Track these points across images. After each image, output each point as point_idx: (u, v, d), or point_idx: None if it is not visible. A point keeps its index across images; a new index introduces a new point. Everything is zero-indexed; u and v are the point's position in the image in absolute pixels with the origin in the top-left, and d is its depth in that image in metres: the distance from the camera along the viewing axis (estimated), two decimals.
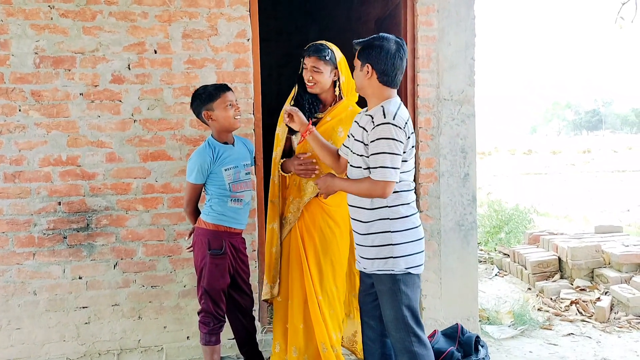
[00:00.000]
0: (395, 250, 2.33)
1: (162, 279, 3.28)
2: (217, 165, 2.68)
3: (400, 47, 2.34)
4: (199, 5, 3.20)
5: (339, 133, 2.79)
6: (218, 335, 2.78)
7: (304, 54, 2.77)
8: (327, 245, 2.83)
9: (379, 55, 2.31)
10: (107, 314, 3.23)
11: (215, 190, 2.72)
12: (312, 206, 2.83)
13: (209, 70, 3.23)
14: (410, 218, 2.38)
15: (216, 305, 2.74)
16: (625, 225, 7.93)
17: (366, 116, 2.37)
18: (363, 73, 2.36)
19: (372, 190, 2.28)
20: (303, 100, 2.82)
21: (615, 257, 4.73)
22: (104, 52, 3.13)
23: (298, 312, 2.82)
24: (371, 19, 4.88)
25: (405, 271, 2.34)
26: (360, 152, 2.36)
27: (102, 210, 3.19)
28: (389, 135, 2.24)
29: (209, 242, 2.71)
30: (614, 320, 4.13)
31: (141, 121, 3.19)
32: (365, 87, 2.40)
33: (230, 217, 2.74)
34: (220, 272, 2.71)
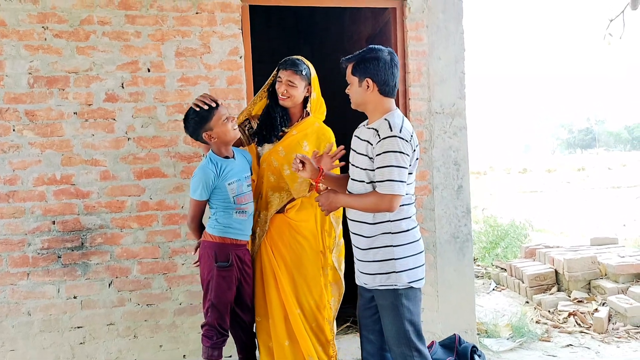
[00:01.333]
0: (397, 264, 2.31)
1: (158, 297, 3.26)
2: (221, 180, 2.67)
3: (393, 55, 2.36)
4: (191, 24, 3.25)
5: (304, 147, 2.80)
6: (220, 349, 2.73)
7: (280, 67, 2.78)
8: (298, 260, 2.81)
9: (377, 67, 2.30)
10: (102, 334, 3.20)
11: (220, 203, 2.70)
12: (278, 221, 2.82)
13: (202, 88, 3.27)
14: (411, 232, 2.37)
15: (221, 319, 2.71)
16: (621, 239, 7.93)
17: (369, 129, 2.36)
18: (362, 88, 2.34)
19: (378, 204, 2.25)
20: (274, 113, 2.82)
21: (612, 268, 4.74)
22: (98, 72, 3.17)
23: (281, 329, 2.79)
24: (362, 37, 4.95)
25: (407, 285, 2.32)
26: (363, 166, 2.35)
27: (97, 228, 3.19)
28: (396, 148, 2.22)
29: (215, 254, 2.68)
30: (613, 331, 4.11)
31: (135, 139, 3.21)
32: (367, 102, 2.37)
33: (236, 229, 2.72)
34: (227, 284, 2.69)
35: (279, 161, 2.80)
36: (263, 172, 2.84)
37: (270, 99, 2.85)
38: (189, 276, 3.26)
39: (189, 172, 3.24)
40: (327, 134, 2.89)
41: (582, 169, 30.61)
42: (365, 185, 2.35)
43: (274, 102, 2.83)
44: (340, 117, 5.83)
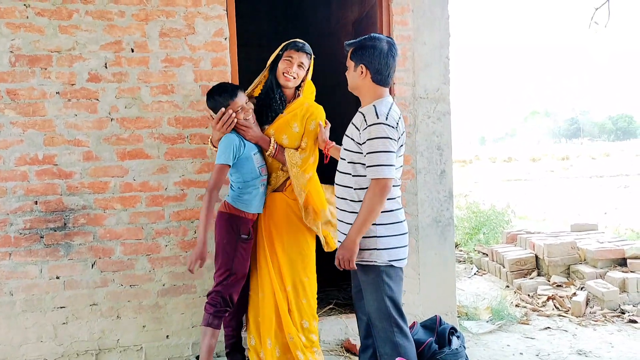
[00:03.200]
0: (379, 242, 2.39)
1: (141, 278, 3.26)
2: (247, 149, 2.75)
3: (391, 46, 2.42)
4: (175, 4, 3.22)
5: (294, 128, 2.87)
6: (221, 319, 2.77)
7: (291, 47, 2.82)
8: (294, 237, 2.89)
9: (373, 55, 2.39)
10: (85, 314, 3.21)
11: (247, 175, 2.77)
12: (276, 200, 2.89)
13: (186, 69, 3.25)
14: (394, 212, 2.44)
15: (234, 290, 2.76)
16: (602, 226, 8.07)
17: (359, 113, 2.45)
18: (357, 73, 2.44)
19: (375, 195, 2.32)
20: (274, 94, 2.86)
21: (591, 253, 4.83)
22: (81, 51, 3.14)
23: (269, 304, 2.85)
24: (349, 22, 4.95)
25: (388, 263, 2.40)
26: (348, 147, 2.45)
27: (80, 209, 3.18)
28: (382, 134, 2.31)
29: (238, 227, 2.75)
30: (590, 314, 4.20)
31: (118, 120, 3.20)
32: (360, 87, 2.47)
33: (259, 202, 2.83)
34: (247, 256, 2.79)
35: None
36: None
37: (272, 79, 2.87)
38: (173, 257, 3.27)
39: (172, 154, 3.24)
40: (315, 113, 2.94)
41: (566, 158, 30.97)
42: (343, 164, 2.49)
43: (275, 82, 2.85)
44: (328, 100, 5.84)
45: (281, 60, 2.82)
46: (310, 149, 2.93)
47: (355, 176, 2.45)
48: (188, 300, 3.29)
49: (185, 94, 3.25)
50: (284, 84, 2.84)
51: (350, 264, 2.38)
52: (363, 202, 2.35)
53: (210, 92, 2.80)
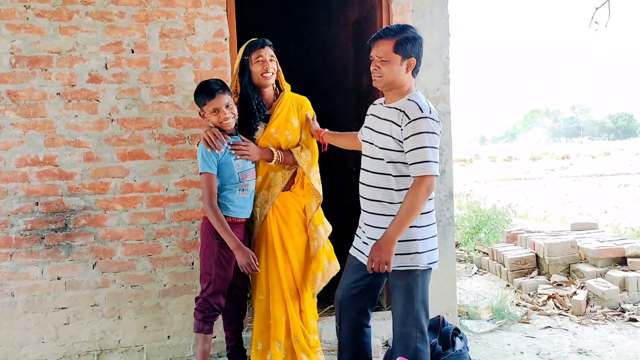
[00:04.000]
0: (420, 245, 2.30)
1: (142, 279, 3.27)
2: (227, 154, 2.70)
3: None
4: (175, 5, 3.22)
5: (293, 122, 2.86)
6: (211, 324, 2.77)
7: (255, 48, 2.76)
8: (303, 235, 2.89)
9: (420, 47, 2.30)
10: (86, 315, 3.21)
11: (226, 180, 2.73)
12: (285, 199, 2.88)
13: (186, 70, 3.25)
14: (431, 214, 2.37)
15: (217, 295, 2.74)
16: (602, 225, 8.08)
17: (391, 109, 2.33)
18: (403, 68, 2.29)
19: (420, 194, 2.19)
20: (251, 100, 2.80)
21: (591, 252, 4.83)
22: (81, 52, 3.14)
23: (280, 307, 2.83)
24: (349, 22, 4.95)
25: (427, 267, 2.33)
26: (384, 145, 2.31)
27: (80, 210, 3.18)
28: (428, 129, 2.20)
29: (216, 232, 2.70)
30: (590, 313, 4.21)
31: (119, 120, 3.20)
32: (401, 82, 2.32)
33: (238, 206, 2.75)
34: (227, 261, 2.73)
35: (274, 142, 2.83)
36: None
37: (246, 87, 2.81)
38: (174, 258, 3.28)
39: (173, 155, 3.25)
40: (304, 103, 2.95)
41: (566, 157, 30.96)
42: (380, 164, 2.33)
43: (250, 89, 2.80)
44: (328, 100, 5.85)
45: (252, 64, 2.76)
46: (311, 141, 2.95)
47: (397, 176, 2.32)
48: (189, 300, 3.29)
49: (186, 94, 3.25)
50: (265, 83, 2.80)
51: (388, 267, 2.23)
52: (405, 201, 2.20)
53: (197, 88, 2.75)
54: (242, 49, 2.82)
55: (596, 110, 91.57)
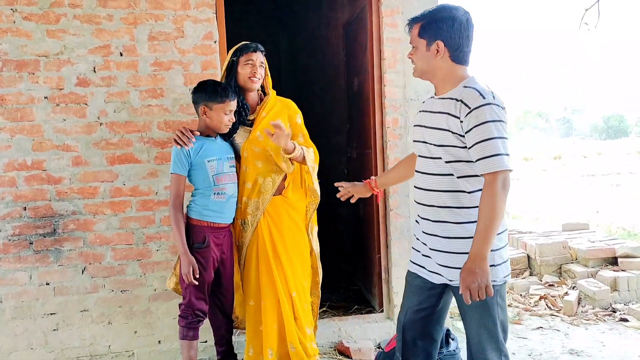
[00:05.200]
0: (496, 256, 1.96)
1: (132, 284, 3.25)
2: (200, 157, 2.68)
3: (469, 16, 2.01)
4: (164, 7, 3.21)
5: None
6: (196, 330, 2.75)
7: (245, 52, 2.75)
8: (295, 240, 2.86)
9: (452, 28, 1.97)
10: (76, 320, 3.19)
11: (200, 183, 2.71)
12: (277, 204, 2.85)
13: (176, 73, 3.24)
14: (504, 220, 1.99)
15: (197, 300, 2.72)
16: (594, 225, 8.11)
17: (445, 100, 2.01)
18: (431, 53, 2.00)
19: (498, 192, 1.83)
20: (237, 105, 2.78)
21: (582, 252, 4.85)
22: (69, 55, 3.12)
23: (272, 314, 2.81)
24: (340, 24, 4.95)
25: (503, 280, 2.00)
26: (440, 142, 1.99)
27: (69, 214, 3.16)
28: (495, 117, 1.87)
29: (190, 236, 2.69)
30: (582, 314, 4.22)
31: (108, 124, 3.18)
32: (435, 69, 2.03)
33: (213, 210, 2.72)
34: (203, 266, 2.69)
35: (261, 146, 2.81)
36: (247, 161, 2.84)
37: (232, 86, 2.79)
38: (164, 262, 3.26)
39: (163, 158, 3.23)
40: (291, 105, 2.94)
41: (558, 158, 31.07)
42: (439, 163, 2.02)
43: (235, 91, 2.78)
44: (320, 102, 5.85)
45: (240, 65, 2.76)
46: (309, 142, 2.93)
47: (463, 177, 1.99)
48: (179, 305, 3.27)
49: (175, 97, 3.24)
50: (251, 87, 2.80)
51: (488, 290, 1.84)
52: (482, 208, 1.85)
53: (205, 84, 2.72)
54: (232, 49, 2.82)
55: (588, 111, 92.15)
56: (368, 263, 4.11)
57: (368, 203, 3.98)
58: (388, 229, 3.70)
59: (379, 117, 3.67)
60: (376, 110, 3.68)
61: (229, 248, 2.83)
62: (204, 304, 2.75)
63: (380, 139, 3.69)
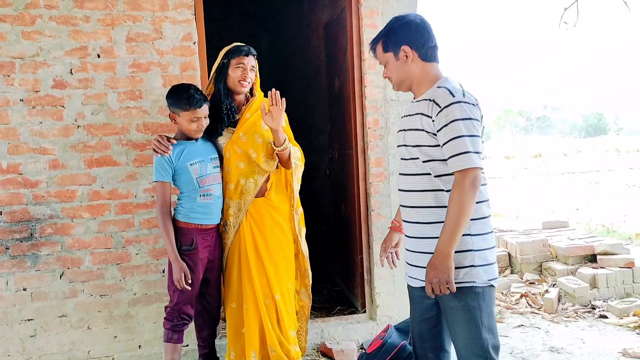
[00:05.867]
0: (476, 257, 1.94)
1: (111, 288, 3.20)
2: (182, 161, 2.66)
3: (422, 18, 2.08)
4: (142, 8, 3.17)
5: (263, 126, 2.80)
6: (181, 333, 2.73)
7: (237, 55, 2.74)
8: (278, 242, 2.85)
9: (410, 31, 2.03)
10: (54, 326, 3.14)
11: (184, 186, 2.70)
12: (259, 205, 2.83)
13: (154, 74, 3.20)
14: (487, 220, 2.00)
15: (184, 303, 2.70)
16: (574, 223, 8.22)
17: (420, 102, 2.02)
18: (401, 60, 2.05)
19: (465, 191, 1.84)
20: (221, 104, 2.77)
21: (562, 250, 4.91)
22: (45, 57, 3.07)
23: (254, 316, 2.80)
24: (320, 25, 4.94)
25: (487, 283, 1.96)
26: (416, 142, 2.01)
27: (46, 218, 3.10)
28: (464, 115, 1.88)
29: (179, 239, 2.67)
30: (562, 311, 4.27)
31: (85, 127, 3.13)
32: (410, 74, 2.06)
33: (199, 213, 2.70)
34: (192, 268, 2.67)
35: (243, 147, 2.79)
36: (229, 162, 2.82)
37: (220, 90, 2.79)
38: (144, 266, 3.22)
39: (141, 161, 3.19)
40: None
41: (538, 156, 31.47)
42: (417, 163, 2.03)
43: (224, 92, 2.79)
44: (302, 103, 5.84)
45: (231, 68, 2.75)
46: (294, 142, 2.92)
47: (440, 176, 1.99)
48: (160, 309, 3.22)
49: (154, 99, 3.20)
50: (240, 90, 2.79)
51: (450, 286, 1.86)
52: (450, 205, 1.86)
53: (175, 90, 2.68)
54: (224, 51, 2.79)
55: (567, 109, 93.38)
56: (350, 264, 4.11)
57: (349, 204, 3.98)
58: (370, 229, 3.70)
59: (360, 117, 3.68)
60: (357, 111, 3.68)
61: (216, 249, 2.82)
62: (190, 307, 2.73)
63: (361, 139, 3.69)
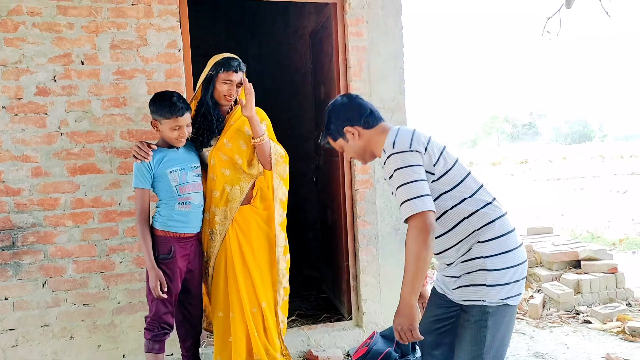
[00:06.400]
0: (489, 276, 1.94)
1: (95, 297, 3.17)
2: (162, 168, 2.64)
3: (348, 95, 2.20)
4: (127, 15, 3.16)
5: (247, 132, 2.80)
6: (162, 343, 2.70)
7: (227, 69, 2.71)
8: (264, 249, 2.84)
9: (340, 114, 2.14)
10: (36, 336, 3.10)
11: (163, 194, 2.68)
12: (245, 213, 2.82)
13: (139, 81, 3.19)
14: (503, 238, 1.98)
15: (164, 312, 2.67)
16: (559, 229, 8.30)
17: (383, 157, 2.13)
18: (353, 140, 2.14)
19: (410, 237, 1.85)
20: (211, 117, 2.77)
21: (546, 256, 4.95)
22: (28, 64, 3.05)
23: (241, 325, 2.79)
24: (306, 32, 4.96)
25: (501, 302, 1.95)
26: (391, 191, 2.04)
27: (29, 227, 3.07)
28: (397, 165, 1.92)
29: (156, 248, 2.64)
30: (546, 317, 4.30)
31: (68, 134, 3.11)
32: (365, 145, 2.15)
33: (178, 221, 2.68)
34: (169, 277, 2.65)
35: (228, 153, 2.79)
36: (214, 169, 2.81)
37: (208, 100, 2.77)
38: (128, 274, 3.19)
39: (125, 168, 3.17)
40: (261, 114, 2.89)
41: (524, 162, 31.72)
42: None
43: (212, 104, 2.77)
44: (288, 109, 5.85)
45: (218, 82, 2.72)
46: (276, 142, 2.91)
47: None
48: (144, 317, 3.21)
49: (138, 106, 3.19)
50: (223, 103, 2.79)
51: (414, 333, 1.87)
52: (405, 253, 1.88)
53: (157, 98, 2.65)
54: (213, 61, 2.75)
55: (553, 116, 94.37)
56: (336, 270, 4.11)
57: (335, 211, 3.98)
58: (356, 236, 3.71)
59: None
60: None
61: (196, 258, 2.79)
62: (171, 316, 2.70)
63: None
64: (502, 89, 63.83)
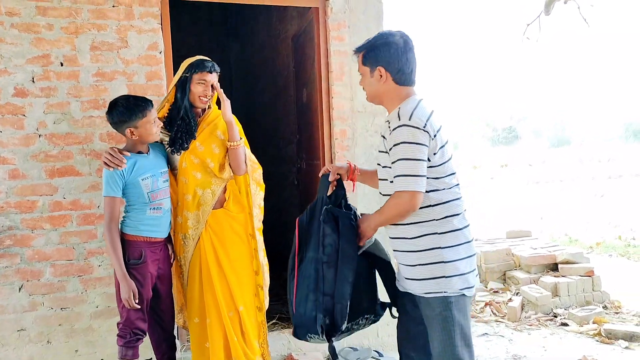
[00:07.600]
0: (447, 268, 2.02)
1: (73, 300, 3.14)
2: (134, 175, 2.59)
3: (407, 39, 2.12)
4: (107, 17, 3.14)
5: (219, 136, 2.80)
6: (135, 349, 2.67)
7: (201, 70, 2.69)
8: (240, 253, 2.84)
9: (389, 54, 2.08)
10: (12, 340, 3.05)
11: (134, 200, 2.63)
12: (218, 217, 2.81)
13: (119, 83, 3.17)
14: (462, 231, 2.07)
15: (135, 318, 2.64)
16: (538, 232, 8.41)
17: (384, 123, 2.15)
18: (375, 78, 2.12)
19: (397, 206, 1.99)
20: (189, 119, 2.74)
21: (525, 259, 5.02)
22: (6, 65, 3.00)
23: (218, 330, 2.77)
24: (289, 36, 4.97)
25: (459, 292, 2.03)
26: (384, 164, 2.13)
27: (5, 230, 3.02)
28: (405, 139, 1.95)
29: (127, 252, 2.60)
30: (525, 319, 4.36)
31: (47, 136, 3.07)
32: (382, 93, 2.14)
33: (149, 225, 2.65)
34: (140, 282, 2.62)
35: (200, 157, 2.77)
36: (186, 172, 2.78)
37: (186, 103, 2.74)
38: (106, 278, 3.16)
39: None
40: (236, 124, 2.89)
41: (505, 165, 32.04)
42: (389, 184, 2.10)
43: (188, 107, 2.74)
44: (271, 112, 5.84)
45: (193, 83, 2.70)
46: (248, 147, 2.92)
47: None
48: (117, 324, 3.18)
49: None
50: (199, 105, 2.77)
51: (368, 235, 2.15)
52: (385, 206, 2.04)
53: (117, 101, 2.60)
54: (186, 64, 2.73)
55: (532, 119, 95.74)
56: None
57: None
58: None
59: (327, 128, 3.70)
60: (324, 122, 3.71)
61: (165, 263, 2.78)
62: (142, 322, 2.67)
63: (328, 150, 3.72)
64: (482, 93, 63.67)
